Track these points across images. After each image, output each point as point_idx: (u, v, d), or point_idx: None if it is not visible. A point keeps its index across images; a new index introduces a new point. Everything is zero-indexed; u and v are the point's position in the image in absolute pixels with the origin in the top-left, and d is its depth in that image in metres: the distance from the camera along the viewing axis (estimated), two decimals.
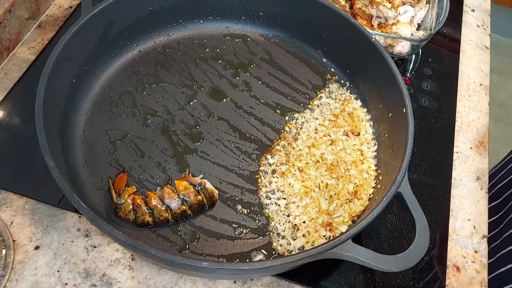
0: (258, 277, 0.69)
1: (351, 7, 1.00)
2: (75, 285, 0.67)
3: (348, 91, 0.88)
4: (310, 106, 0.86)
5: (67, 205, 0.72)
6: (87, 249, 0.70)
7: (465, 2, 1.13)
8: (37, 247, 0.69)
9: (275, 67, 0.91)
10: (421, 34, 0.95)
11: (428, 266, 0.72)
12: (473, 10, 1.12)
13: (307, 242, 0.69)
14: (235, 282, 0.69)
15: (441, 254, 0.74)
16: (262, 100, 0.86)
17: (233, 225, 0.71)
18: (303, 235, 0.70)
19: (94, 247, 0.70)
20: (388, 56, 0.78)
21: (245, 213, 0.73)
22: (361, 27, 0.82)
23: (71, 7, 0.98)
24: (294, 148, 0.79)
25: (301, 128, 0.82)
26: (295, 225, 0.71)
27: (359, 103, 0.85)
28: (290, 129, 0.82)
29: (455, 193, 0.82)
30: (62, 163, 0.69)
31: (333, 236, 0.69)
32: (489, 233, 0.79)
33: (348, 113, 0.84)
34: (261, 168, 0.77)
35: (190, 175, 0.74)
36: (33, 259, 0.68)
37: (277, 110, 0.85)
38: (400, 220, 0.76)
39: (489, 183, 0.97)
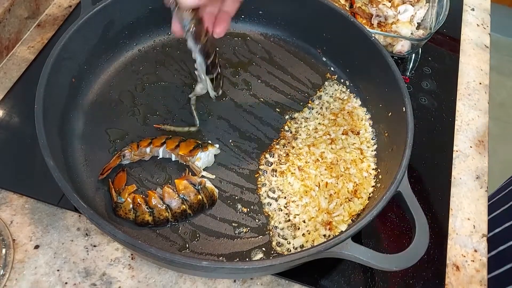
0: (258, 276, 0.69)
1: (351, 6, 1.00)
2: (75, 284, 0.67)
3: (348, 90, 0.88)
4: (309, 105, 0.86)
5: (66, 204, 0.72)
6: (87, 248, 0.70)
7: (465, 1, 1.13)
8: (37, 246, 0.69)
9: (274, 66, 0.91)
10: (421, 33, 0.95)
11: (427, 265, 0.72)
12: (473, 9, 1.12)
13: (306, 241, 0.69)
14: (235, 281, 0.69)
15: (441, 253, 0.74)
16: (262, 99, 0.86)
17: (233, 224, 0.71)
18: (302, 234, 0.70)
19: (94, 246, 0.70)
20: (387, 55, 0.78)
21: (245, 212, 0.73)
22: (360, 26, 0.82)
23: (70, 6, 0.98)
24: (293, 147, 0.79)
25: (301, 127, 0.82)
26: (295, 224, 0.71)
27: (358, 102, 0.85)
28: (289, 128, 0.82)
29: (454, 192, 0.82)
30: (62, 162, 0.69)
31: (332, 235, 0.69)
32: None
33: (347, 112, 0.84)
34: (261, 167, 0.77)
35: (190, 174, 0.74)
36: (33, 258, 0.68)
37: (277, 109, 0.85)
38: (399, 219, 0.76)
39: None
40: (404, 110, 0.73)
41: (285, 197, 0.74)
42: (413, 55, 0.99)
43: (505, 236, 0.91)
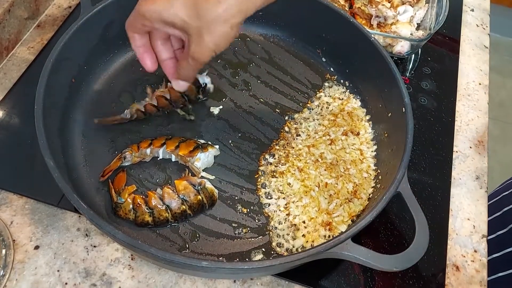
0: (258, 277, 0.69)
1: (351, 6, 1.00)
2: (75, 284, 0.67)
3: (348, 90, 0.88)
4: (309, 105, 0.86)
5: (66, 205, 0.72)
6: (87, 248, 0.70)
7: (464, 2, 1.13)
8: (37, 247, 0.69)
9: (274, 66, 0.91)
10: (420, 33, 0.95)
11: (427, 266, 0.72)
12: (472, 10, 1.12)
13: (306, 242, 0.69)
14: (234, 281, 0.69)
15: (441, 253, 0.74)
16: (262, 100, 0.86)
17: (233, 225, 0.71)
18: (302, 235, 0.70)
19: (94, 246, 0.70)
20: (387, 55, 0.78)
21: (245, 212, 0.73)
22: (360, 27, 0.82)
23: (70, 7, 0.98)
24: (293, 148, 0.79)
25: (301, 128, 0.82)
26: (295, 224, 0.71)
27: (358, 102, 0.86)
28: (289, 128, 0.82)
29: (454, 192, 0.82)
30: (62, 162, 0.69)
31: (332, 236, 0.69)
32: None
33: (347, 113, 0.84)
34: (261, 167, 0.77)
35: (190, 174, 0.74)
36: (33, 259, 0.68)
37: (277, 110, 0.85)
38: (399, 219, 0.76)
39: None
40: (403, 110, 0.73)
41: (284, 198, 0.74)
42: (413, 55, 0.99)
43: (499, 243, 0.91)
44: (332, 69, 0.90)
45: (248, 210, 0.73)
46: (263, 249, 0.69)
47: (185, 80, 0.68)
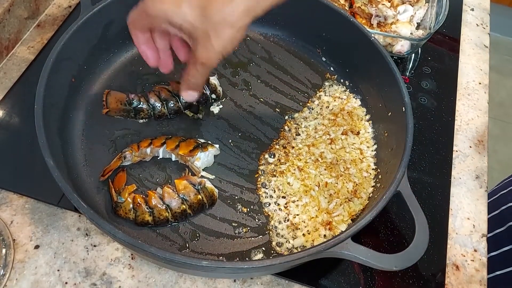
0: (258, 276, 0.69)
1: (351, 6, 1.00)
2: (75, 284, 0.67)
3: (348, 90, 0.88)
4: (309, 105, 0.86)
5: (67, 204, 0.72)
6: (87, 248, 0.70)
7: (464, 1, 1.13)
8: (37, 246, 0.69)
9: (274, 66, 0.91)
10: (420, 33, 0.95)
11: (427, 265, 0.72)
12: (472, 9, 1.12)
13: (306, 241, 0.69)
14: (234, 281, 0.69)
15: (441, 252, 0.74)
16: (262, 99, 0.86)
17: (233, 224, 0.71)
18: (302, 234, 0.70)
19: (94, 246, 0.70)
20: (387, 55, 0.78)
21: (245, 212, 0.73)
22: (360, 26, 0.82)
23: (70, 6, 0.98)
24: (293, 147, 0.79)
25: (301, 127, 0.82)
26: (295, 224, 0.71)
27: (358, 102, 0.86)
28: (289, 128, 0.82)
29: (454, 191, 0.82)
30: (62, 162, 0.69)
31: (332, 235, 0.69)
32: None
33: (347, 112, 0.84)
34: (261, 167, 0.77)
35: (190, 174, 0.74)
36: (33, 258, 0.68)
37: (277, 109, 0.85)
38: (399, 219, 0.76)
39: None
40: (403, 110, 0.73)
41: (284, 197, 0.74)
42: (413, 55, 0.99)
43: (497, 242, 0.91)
44: (332, 68, 0.90)
45: (248, 209, 0.73)
46: (263, 249, 0.69)
47: (195, 89, 0.67)
